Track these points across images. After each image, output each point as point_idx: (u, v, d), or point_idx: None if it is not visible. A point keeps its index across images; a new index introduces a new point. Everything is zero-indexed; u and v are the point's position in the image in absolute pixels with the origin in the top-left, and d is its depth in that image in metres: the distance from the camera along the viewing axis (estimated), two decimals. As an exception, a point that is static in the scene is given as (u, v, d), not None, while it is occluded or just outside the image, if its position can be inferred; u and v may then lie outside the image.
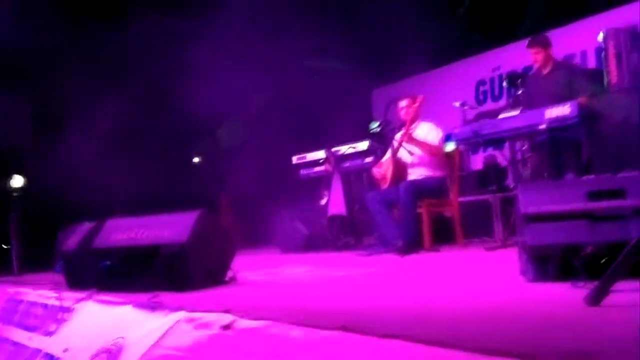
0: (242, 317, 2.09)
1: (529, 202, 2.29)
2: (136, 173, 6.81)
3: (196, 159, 8.74)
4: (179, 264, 2.95)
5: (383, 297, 2.42)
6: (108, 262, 3.25)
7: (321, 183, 6.18)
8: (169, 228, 3.06)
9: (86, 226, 3.62)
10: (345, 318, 1.87)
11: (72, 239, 3.61)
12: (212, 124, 8.21)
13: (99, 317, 2.77)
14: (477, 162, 7.12)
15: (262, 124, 8.10)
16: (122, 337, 2.40)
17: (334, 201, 5.84)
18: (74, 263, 3.50)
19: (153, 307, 2.54)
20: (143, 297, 2.68)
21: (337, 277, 3.44)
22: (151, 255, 3.04)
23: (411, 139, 4.90)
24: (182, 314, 2.35)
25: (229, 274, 3.24)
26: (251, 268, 4.13)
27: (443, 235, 5.32)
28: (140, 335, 2.36)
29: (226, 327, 2.09)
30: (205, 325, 2.11)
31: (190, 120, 7.67)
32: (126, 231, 3.25)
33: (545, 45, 4.88)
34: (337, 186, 5.93)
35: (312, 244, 5.90)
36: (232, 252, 3.26)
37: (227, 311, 2.16)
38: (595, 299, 1.68)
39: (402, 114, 5.14)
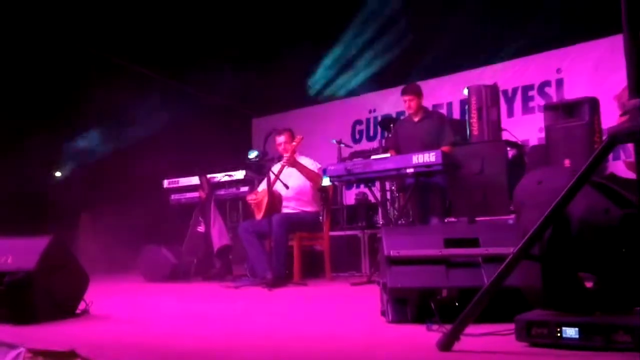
0: (88, 356, 1.93)
1: (392, 245, 2.37)
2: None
3: (57, 174, 8.05)
4: (24, 294, 2.67)
5: (243, 335, 2.36)
6: (-62, 289, 2.85)
7: (193, 209, 5.98)
8: (14, 254, 2.78)
9: None
10: (203, 359, 1.79)
11: None
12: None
13: None
14: (350, 197, 7.35)
15: (133, 142, 7.73)
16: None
17: (218, 232, 5.66)
18: None
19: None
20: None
21: (200, 311, 3.32)
22: (-9, 283, 2.72)
23: (295, 162, 4.92)
24: (22, 353, 2.13)
25: (82, 305, 2.99)
26: (109, 299, 3.85)
27: (313, 268, 5.38)
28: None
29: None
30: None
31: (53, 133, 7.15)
32: (-37, 254, 2.89)
33: (418, 93, 5.18)
34: (217, 216, 5.77)
35: (178, 273, 5.66)
36: (84, 282, 3.02)
37: (71, 349, 1.99)
38: (445, 344, 1.76)
39: (280, 149, 5.17)
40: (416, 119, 5.19)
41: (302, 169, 4.98)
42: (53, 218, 6.46)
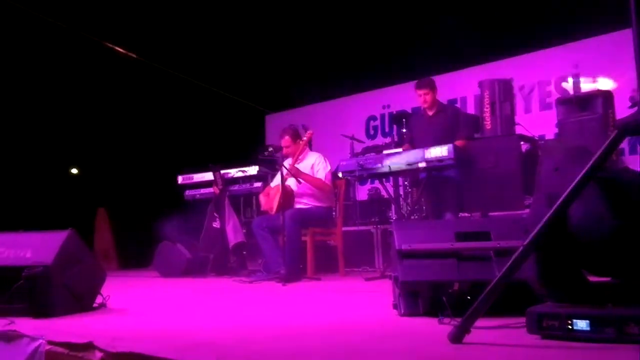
0: (106, 348, 1.97)
1: (403, 239, 2.38)
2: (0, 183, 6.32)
3: (74, 170, 8.16)
4: (42, 288, 2.72)
5: (257, 327, 2.39)
6: (-41, 282, 2.92)
7: (207, 205, 6.03)
8: (32, 248, 2.83)
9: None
10: (218, 351, 1.82)
11: None
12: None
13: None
14: (363, 192, 7.36)
15: (149, 139, 7.82)
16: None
17: (233, 229, 5.70)
18: None
19: (9, 336, 2.33)
20: (-3, 322, 2.45)
21: (215, 305, 3.36)
22: (11, 277, 2.78)
23: (298, 174, 4.95)
24: (41, 345, 2.18)
25: (99, 299, 3.05)
26: (125, 293, 3.92)
27: (327, 263, 5.40)
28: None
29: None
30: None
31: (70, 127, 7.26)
32: (-17, 249, 2.95)
33: (433, 87, 5.15)
34: (231, 212, 5.81)
35: (193, 268, 5.72)
36: (101, 276, 3.07)
37: (89, 341, 2.03)
38: (456, 336, 1.77)
39: (285, 150, 5.19)
40: (430, 113, 5.17)
41: (306, 178, 4.99)
42: (70, 214, 6.57)
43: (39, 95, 7.11)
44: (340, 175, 5.37)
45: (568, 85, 6.78)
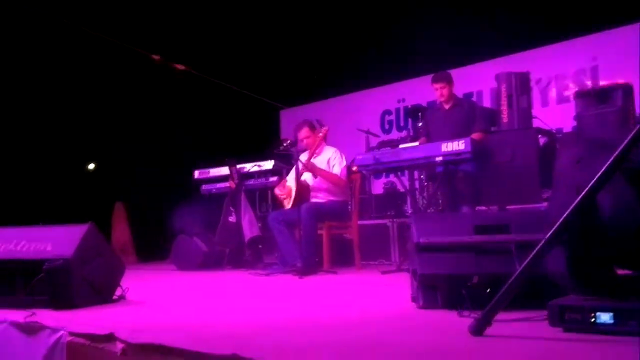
0: (127, 339, 2.00)
1: (421, 232, 2.37)
2: (20, 178, 6.39)
3: (90, 165, 8.25)
4: (62, 281, 2.76)
5: (274, 320, 2.40)
6: (-18, 275, 2.97)
7: (223, 199, 6.05)
8: (53, 241, 2.87)
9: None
10: (234, 343, 1.83)
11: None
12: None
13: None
14: (378, 186, 7.33)
15: (166, 134, 7.87)
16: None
17: (249, 223, 5.71)
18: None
19: (31, 328, 2.37)
20: (20, 314, 2.48)
21: (232, 297, 3.38)
22: (32, 270, 2.82)
23: (314, 169, 4.95)
24: (63, 336, 2.22)
25: (118, 291, 3.08)
26: (144, 285, 3.96)
27: (343, 257, 5.40)
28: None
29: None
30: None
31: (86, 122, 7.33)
32: (5, 242, 3.00)
33: (449, 81, 5.11)
34: (247, 206, 5.83)
35: (209, 262, 5.76)
36: (121, 269, 3.11)
37: (110, 332, 2.06)
38: (477, 329, 1.76)
39: (304, 143, 5.19)
40: (447, 107, 5.14)
41: (321, 173, 4.98)
42: (88, 209, 6.65)
43: (56, 91, 7.18)
44: (354, 169, 5.36)
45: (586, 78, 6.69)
